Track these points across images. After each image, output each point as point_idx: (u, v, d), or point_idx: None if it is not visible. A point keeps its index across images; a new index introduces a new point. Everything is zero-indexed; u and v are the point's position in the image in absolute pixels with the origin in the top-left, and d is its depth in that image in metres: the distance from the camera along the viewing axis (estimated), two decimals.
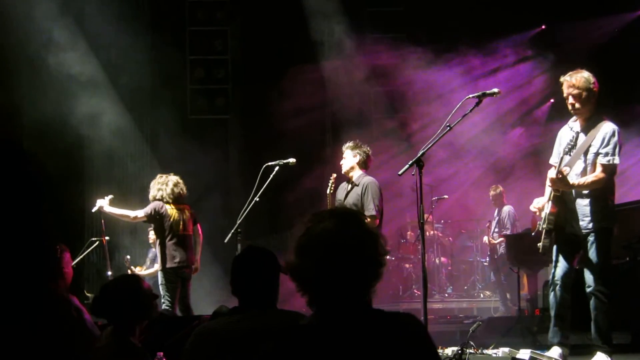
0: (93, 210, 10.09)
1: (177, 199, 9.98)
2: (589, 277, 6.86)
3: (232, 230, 8.56)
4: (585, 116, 7.01)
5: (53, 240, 5.86)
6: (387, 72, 15.56)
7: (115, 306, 4.74)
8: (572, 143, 7.05)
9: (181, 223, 9.98)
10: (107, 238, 11.53)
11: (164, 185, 9.98)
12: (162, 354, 4.78)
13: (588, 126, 6.98)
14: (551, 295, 7.12)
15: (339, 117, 15.60)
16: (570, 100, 6.96)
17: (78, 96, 13.65)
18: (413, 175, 6.52)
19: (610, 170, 6.86)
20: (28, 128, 13.98)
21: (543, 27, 15.94)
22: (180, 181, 10.11)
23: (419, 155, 6.50)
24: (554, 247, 7.11)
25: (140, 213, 9.87)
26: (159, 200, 9.91)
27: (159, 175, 10.18)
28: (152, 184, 10.10)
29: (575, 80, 6.89)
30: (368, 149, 8.93)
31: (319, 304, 2.93)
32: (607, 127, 6.88)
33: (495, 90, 6.68)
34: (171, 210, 9.92)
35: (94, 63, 14.00)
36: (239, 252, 4.50)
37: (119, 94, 14.62)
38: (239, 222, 8.54)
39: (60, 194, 14.40)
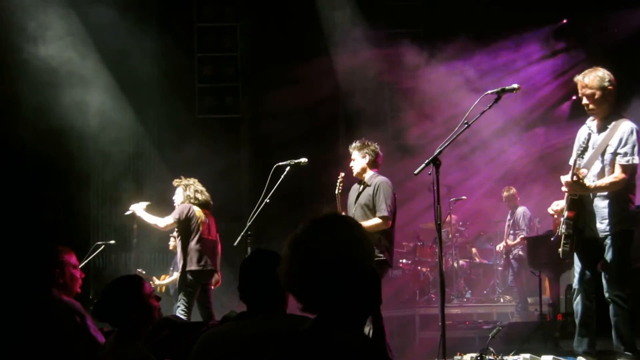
0: (126, 213, 10.07)
1: (203, 204, 10.01)
2: (608, 282, 6.81)
3: (242, 233, 8.55)
4: (601, 116, 6.96)
5: (52, 244, 5.84)
6: (402, 68, 15.50)
7: (116, 308, 4.69)
8: (584, 145, 6.99)
9: (207, 227, 10.00)
10: (112, 242, 11.58)
11: (191, 188, 10.00)
12: None
13: (605, 126, 6.93)
14: (574, 303, 7.09)
15: (352, 114, 15.55)
16: (584, 100, 6.92)
17: (83, 95, 13.68)
18: (429, 174, 6.48)
19: (630, 170, 6.79)
20: (33, 130, 14.03)
21: (564, 21, 15.86)
22: (203, 188, 10.15)
23: (435, 153, 6.46)
24: (575, 253, 7.07)
25: (169, 220, 9.84)
26: (185, 202, 9.92)
27: (184, 178, 10.16)
28: (179, 187, 10.08)
29: (589, 80, 6.84)
30: (376, 146, 8.89)
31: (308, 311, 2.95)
32: (625, 126, 6.82)
33: (515, 86, 6.63)
34: (198, 212, 9.94)
35: (99, 61, 14.02)
36: (247, 256, 4.45)
37: (125, 93, 14.64)
38: (249, 224, 8.52)
39: (64, 195, 14.46)
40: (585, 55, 14.34)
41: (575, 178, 6.64)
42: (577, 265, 7.05)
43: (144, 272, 12.45)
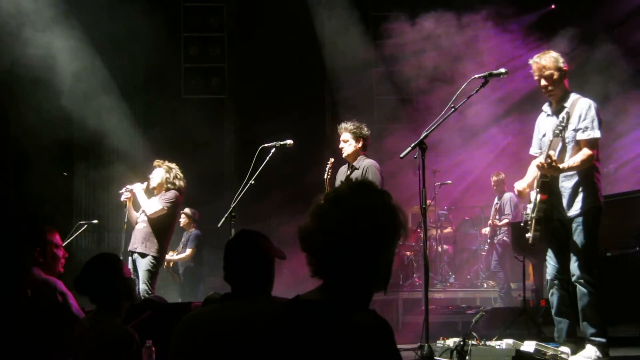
0: (122, 192, 9.92)
1: (180, 191, 9.97)
2: (573, 264, 6.73)
3: (226, 214, 8.52)
4: (558, 96, 6.93)
5: (32, 224, 5.82)
6: (390, 50, 15.46)
7: (97, 282, 4.78)
8: (544, 131, 7.02)
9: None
10: (95, 221, 11.55)
11: (173, 172, 9.96)
12: (150, 341, 4.75)
13: (562, 106, 6.89)
14: (549, 294, 7.05)
15: (339, 96, 15.51)
16: (543, 82, 6.88)
17: (67, 75, 13.58)
18: (415, 158, 6.47)
19: (593, 144, 6.74)
20: (16, 109, 13.96)
21: (552, 7, 15.83)
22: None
23: (421, 137, 6.46)
24: (545, 243, 7.04)
25: (158, 206, 9.72)
26: (164, 185, 9.88)
27: (171, 163, 10.09)
28: (159, 168, 10.00)
29: (545, 61, 6.82)
30: (367, 129, 8.90)
31: (324, 277, 2.85)
32: (582, 103, 6.81)
33: (503, 70, 6.64)
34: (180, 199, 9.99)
35: (82, 40, 13.91)
36: (232, 237, 4.42)
37: (109, 72, 14.57)
38: (233, 205, 8.50)
39: (47, 174, 14.38)
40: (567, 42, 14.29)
41: (548, 160, 6.60)
42: (550, 256, 7.00)
43: None
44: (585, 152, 6.70)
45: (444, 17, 14.52)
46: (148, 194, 9.91)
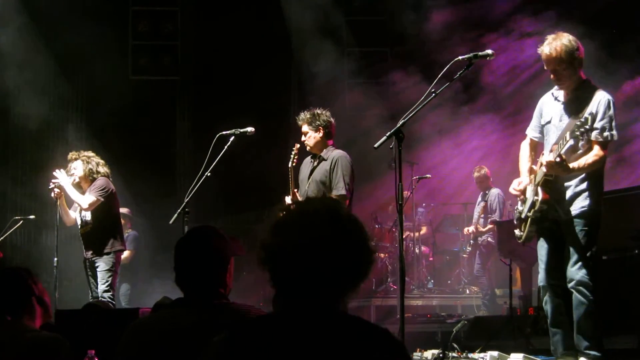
0: (51, 185, 9.94)
1: (106, 177, 10.12)
2: (570, 269, 6.73)
3: (179, 210, 8.51)
4: (572, 87, 6.87)
5: None
6: (363, 27, 15.49)
7: (11, 299, 4.81)
8: (549, 118, 7.00)
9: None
10: (32, 217, 11.51)
11: (93, 161, 10.07)
12: (93, 352, 4.73)
13: (575, 97, 6.86)
14: (543, 302, 7.06)
15: (305, 79, 15.50)
16: (552, 75, 6.84)
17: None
18: (391, 148, 6.48)
19: (607, 146, 6.73)
20: None
21: None
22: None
23: (398, 125, 6.44)
24: (538, 244, 7.07)
25: (91, 198, 9.84)
26: (88, 176, 9.97)
27: (82, 151, 10.22)
28: (77, 160, 10.05)
29: (555, 51, 6.70)
30: (328, 114, 8.87)
31: (285, 295, 2.89)
32: (599, 97, 6.74)
33: (489, 52, 6.61)
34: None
35: (14, 10, 13.78)
36: (183, 235, 4.41)
37: (47, 49, 14.44)
38: (186, 200, 8.48)
39: None
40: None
41: (559, 159, 6.55)
42: (542, 261, 7.02)
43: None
44: (598, 153, 6.68)
45: None
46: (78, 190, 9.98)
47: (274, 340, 2.77)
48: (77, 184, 10.02)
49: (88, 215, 9.96)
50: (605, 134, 6.67)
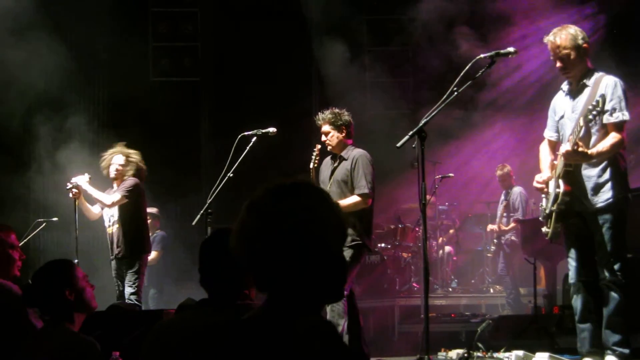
0: (68, 186, 10.00)
1: (142, 179, 10.15)
2: (601, 265, 6.73)
3: (202, 211, 8.53)
4: (578, 76, 6.91)
5: None
6: (383, 26, 15.48)
7: (46, 293, 4.81)
8: (562, 112, 7.02)
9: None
10: (55, 219, 11.56)
11: (133, 157, 10.07)
12: (118, 353, 4.75)
13: (584, 85, 6.88)
14: (572, 300, 7.04)
15: (327, 79, 15.47)
16: (559, 63, 6.86)
17: (19, 54, 13.47)
18: (414, 148, 6.47)
19: (621, 127, 6.70)
20: None
21: None
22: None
23: (420, 124, 6.45)
24: (565, 240, 7.05)
25: (116, 196, 9.87)
26: (136, 177, 9.99)
27: (130, 150, 10.25)
28: (125, 158, 10.08)
29: (561, 39, 6.78)
30: (347, 113, 8.88)
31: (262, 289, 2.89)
32: (607, 81, 6.76)
33: (511, 49, 6.62)
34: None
35: (38, 14, 13.82)
36: (207, 236, 4.42)
37: (68, 51, 14.46)
38: (209, 201, 8.50)
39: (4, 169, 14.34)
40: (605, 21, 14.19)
41: (576, 146, 6.52)
42: (571, 257, 7.01)
43: None
44: (615, 136, 6.67)
45: None
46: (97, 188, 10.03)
47: (248, 343, 2.80)
48: (110, 178, 10.10)
49: (115, 215, 9.99)
50: (616, 114, 6.67)
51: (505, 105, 15.04)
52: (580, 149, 6.52)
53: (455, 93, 6.51)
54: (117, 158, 10.10)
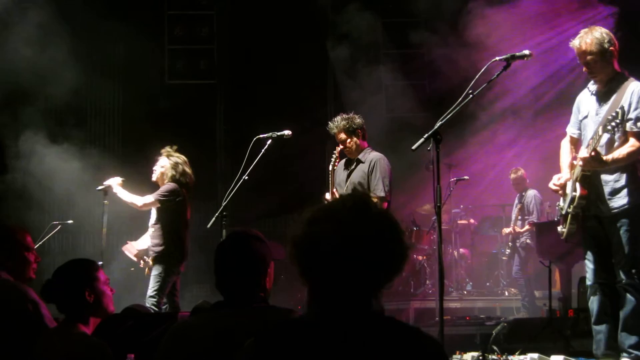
0: (98, 188, 10.00)
1: (184, 185, 9.99)
2: (619, 268, 6.72)
3: (217, 214, 8.53)
4: (605, 80, 6.90)
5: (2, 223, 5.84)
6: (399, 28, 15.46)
7: (64, 290, 4.80)
8: (586, 113, 7.00)
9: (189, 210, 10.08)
10: (70, 221, 11.55)
11: (180, 166, 9.97)
12: (133, 355, 4.75)
13: (610, 90, 6.86)
14: (589, 302, 7.03)
15: (342, 82, 15.48)
16: (585, 68, 6.87)
17: (36, 54, 13.50)
18: (429, 150, 6.46)
19: None
20: None
21: None
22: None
23: (436, 127, 6.42)
24: (583, 244, 7.03)
25: (149, 198, 9.77)
26: (176, 182, 9.88)
27: (178, 154, 10.16)
28: (170, 162, 10.00)
29: (586, 44, 6.76)
30: (358, 116, 8.94)
31: (320, 298, 2.89)
32: (633, 87, 6.75)
33: (527, 52, 6.58)
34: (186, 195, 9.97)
35: (55, 19, 13.86)
36: (223, 239, 4.43)
37: (84, 54, 14.50)
38: (224, 204, 8.50)
39: (16, 170, 14.37)
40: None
41: (593, 153, 6.55)
42: (589, 259, 7.00)
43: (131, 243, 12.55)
44: (634, 143, 6.67)
45: None
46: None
47: (308, 344, 2.78)
48: (153, 181, 10.06)
49: (153, 217, 9.92)
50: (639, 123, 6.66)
51: (522, 109, 15.00)
52: (598, 155, 6.52)
53: (471, 96, 6.49)
54: (161, 161, 10.05)
